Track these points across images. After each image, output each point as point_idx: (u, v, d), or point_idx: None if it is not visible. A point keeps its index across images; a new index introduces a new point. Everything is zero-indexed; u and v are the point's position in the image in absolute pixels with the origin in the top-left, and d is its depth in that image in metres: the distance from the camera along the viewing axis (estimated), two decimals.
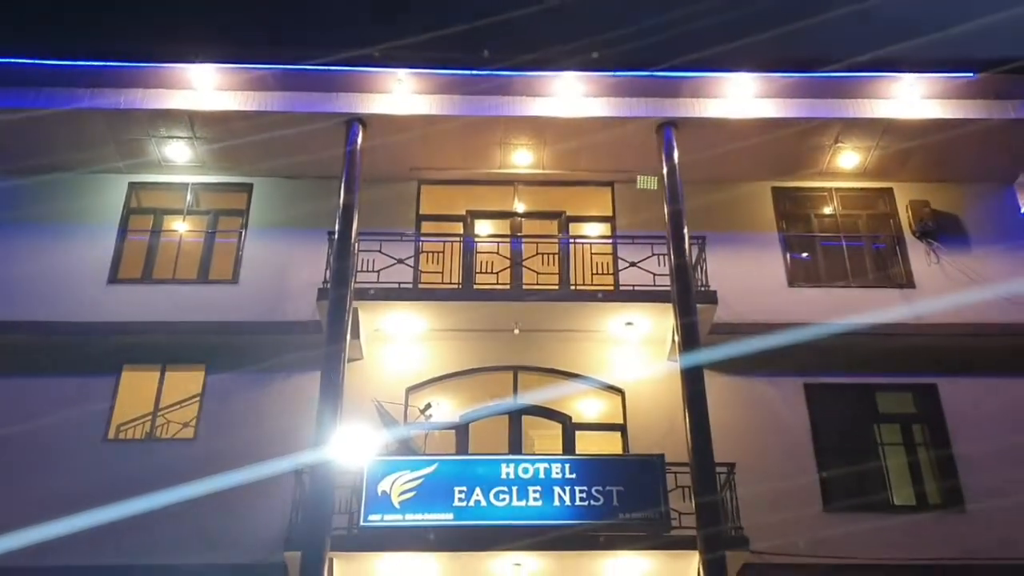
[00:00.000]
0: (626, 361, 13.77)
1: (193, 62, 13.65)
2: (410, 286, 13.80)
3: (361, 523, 11.68)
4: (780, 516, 11.93)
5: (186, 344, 13.42)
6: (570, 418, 13.77)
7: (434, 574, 12.27)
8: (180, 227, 14.91)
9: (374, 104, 14.04)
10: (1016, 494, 12.38)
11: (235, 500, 12.04)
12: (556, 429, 13.76)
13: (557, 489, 11.91)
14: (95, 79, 13.82)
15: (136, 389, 13.33)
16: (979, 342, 13.56)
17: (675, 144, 13.92)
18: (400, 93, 14.07)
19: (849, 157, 14.83)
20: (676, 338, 12.66)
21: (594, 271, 14.28)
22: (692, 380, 12.08)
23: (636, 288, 13.68)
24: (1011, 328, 13.62)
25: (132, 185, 14.98)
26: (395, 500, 11.78)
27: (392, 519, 11.69)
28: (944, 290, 14.00)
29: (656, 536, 11.66)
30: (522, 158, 14.80)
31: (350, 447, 11.65)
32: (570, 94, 14.08)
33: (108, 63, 13.73)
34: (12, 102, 13.81)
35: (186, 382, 13.38)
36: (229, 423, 12.90)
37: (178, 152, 14.63)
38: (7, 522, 11.45)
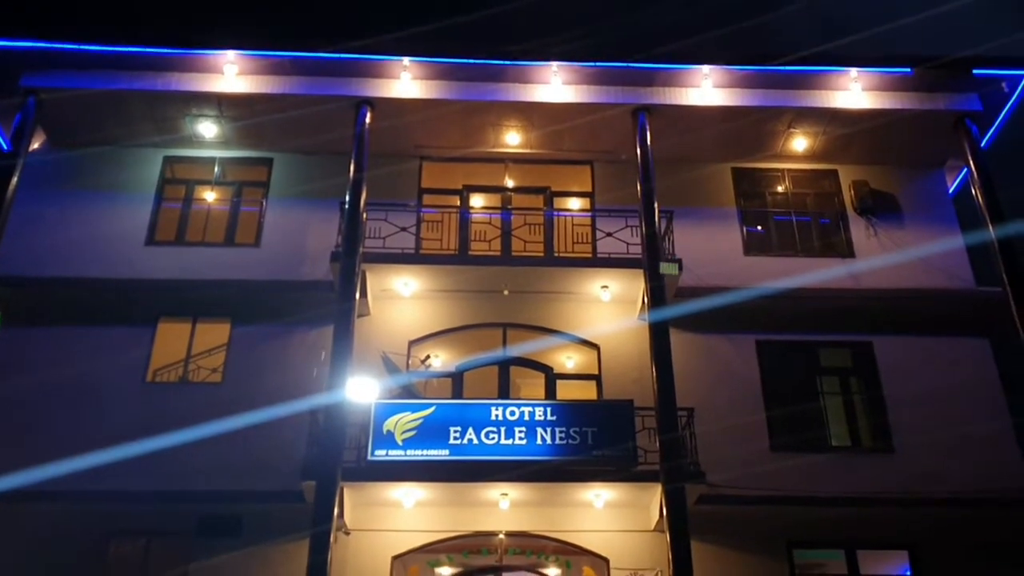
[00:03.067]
0: (601, 319, 13.85)
1: (222, 49, 13.55)
2: (412, 251, 13.81)
3: (368, 457, 11.81)
4: (732, 454, 12.13)
5: (214, 300, 13.42)
6: (552, 369, 13.89)
7: (432, 502, 12.48)
8: (209, 196, 14.84)
9: (381, 88, 13.95)
10: (938, 439, 12.59)
11: (258, 436, 12.13)
12: (540, 378, 13.89)
13: (540, 429, 12.04)
14: (136, 64, 13.69)
15: (171, 339, 13.35)
16: (910, 305, 13.72)
17: (648, 128, 13.93)
18: (405, 79, 14.01)
19: (800, 142, 14.86)
20: (645, 299, 12.78)
21: (575, 240, 14.34)
22: (658, 336, 12.21)
23: (611, 255, 13.72)
24: (938, 293, 13.78)
25: (167, 159, 14.88)
26: (398, 437, 11.91)
27: (395, 454, 11.83)
28: (880, 260, 14.11)
29: (625, 470, 11.83)
30: (513, 138, 14.77)
31: (359, 391, 11.75)
32: (555, 82, 14.04)
33: (148, 50, 13.58)
34: (64, 83, 13.68)
35: (214, 333, 13.38)
36: (252, 369, 12.96)
37: (207, 129, 14.53)
38: (61, 451, 11.50)
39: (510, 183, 15.22)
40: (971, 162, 13.79)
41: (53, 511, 11.85)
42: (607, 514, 12.51)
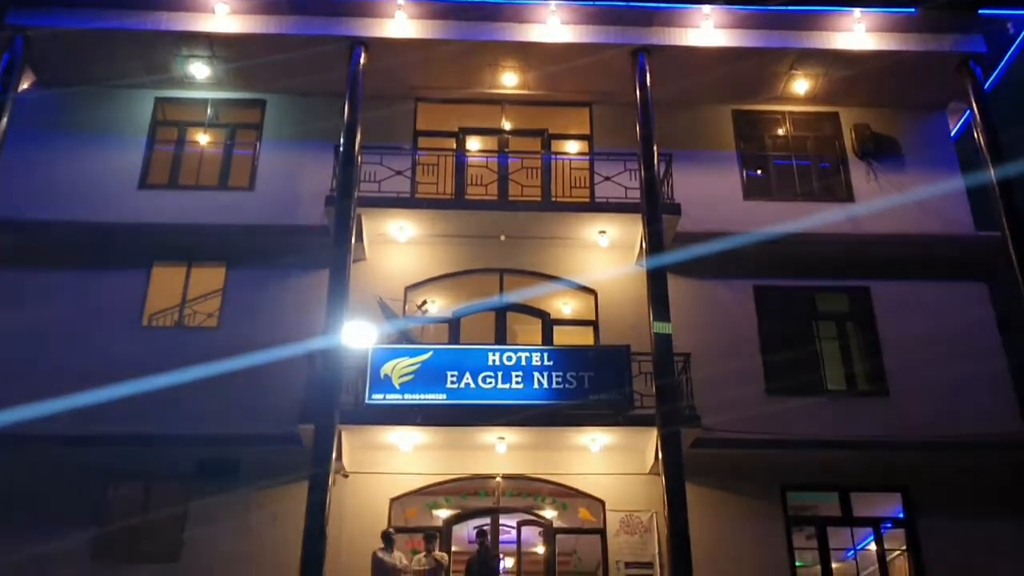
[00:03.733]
0: (599, 265, 13.74)
1: None
2: (408, 195, 13.63)
3: (366, 401, 11.82)
4: (728, 398, 12.10)
5: (209, 244, 13.30)
6: (549, 314, 13.83)
7: (430, 445, 12.53)
8: (202, 139, 14.63)
9: (376, 28, 13.62)
10: (933, 383, 12.62)
11: (255, 380, 12.11)
12: (536, 324, 13.84)
13: (536, 374, 12.04)
14: (125, 2, 13.35)
15: (166, 283, 13.25)
16: (908, 250, 13.63)
17: (647, 69, 13.65)
18: (400, 19, 13.66)
19: (801, 84, 14.58)
20: (643, 244, 12.66)
21: (572, 184, 14.15)
22: (656, 281, 12.14)
23: (610, 200, 13.56)
24: (937, 238, 13.69)
25: (158, 100, 14.59)
26: (395, 382, 11.91)
27: (393, 398, 11.84)
28: (880, 204, 13.98)
29: (621, 415, 11.87)
30: (509, 80, 14.46)
31: (356, 336, 11.70)
32: (553, 21, 13.70)
33: None
34: (51, 21, 13.33)
35: (209, 278, 13.28)
36: (248, 314, 12.89)
37: (199, 70, 14.21)
38: (57, 396, 11.45)
39: (507, 126, 14.96)
40: (974, 105, 13.58)
41: (52, 455, 11.87)
42: (603, 457, 12.58)
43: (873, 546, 12.48)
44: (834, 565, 12.39)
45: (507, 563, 13.91)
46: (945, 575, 11.62)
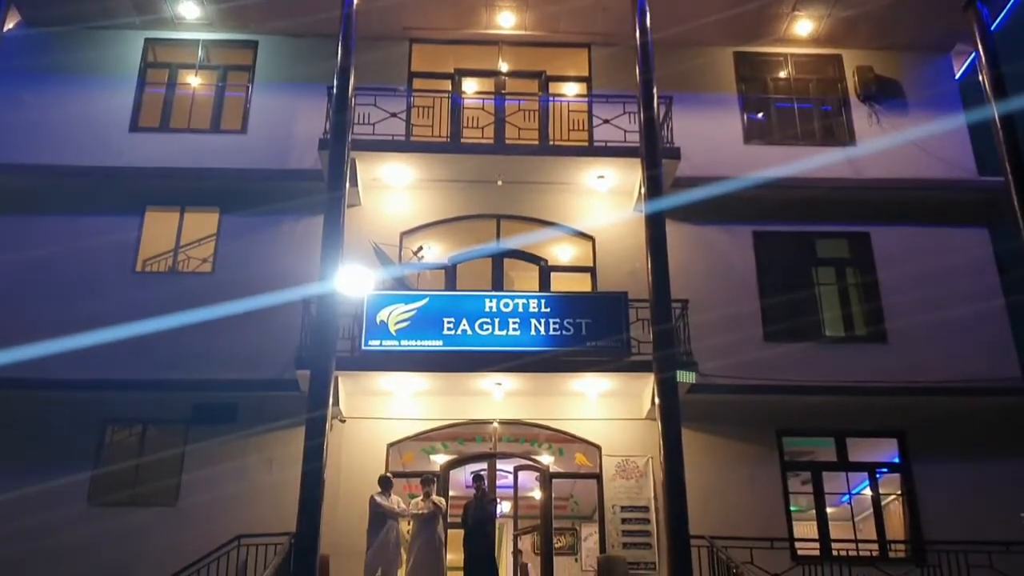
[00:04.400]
0: (597, 211, 13.58)
1: None
2: (403, 139, 13.39)
3: (362, 347, 11.76)
4: (726, 344, 12.07)
5: (202, 188, 13.10)
6: (546, 261, 13.71)
7: (426, 391, 12.52)
8: (193, 81, 14.31)
9: None
10: (932, 329, 12.54)
11: (250, 326, 12.07)
12: (534, 270, 13.72)
13: (533, 321, 11.95)
14: None
15: (159, 228, 13.09)
16: (909, 195, 13.47)
17: (647, 10, 13.25)
18: None
19: (804, 24, 14.25)
20: (642, 190, 12.45)
21: (571, 128, 13.86)
22: (654, 226, 11.90)
23: (608, 144, 13.33)
24: (939, 182, 13.52)
25: (148, 41, 14.27)
26: (392, 328, 11.83)
27: (389, 344, 11.77)
28: (882, 149, 13.76)
29: (618, 360, 11.82)
30: (506, 20, 14.12)
31: (351, 282, 11.58)
32: None
33: None
34: None
35: (203, 223, 13.12)
36: (242, 259, 12.76)
37: (189, 10, 13.89)
38: (52, 338, 11.41)
39: (504, 67, 14.66)
40: (979, 45, 13.21)
41: (50, 399, 11.87)
42: (599, 403, 12.59)
43: (868, 491, 12.55)
44: (829, 510, 12.43)
45: (504, 507, 14.05)
46: (940, 520, 11.65)
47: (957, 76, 14.93)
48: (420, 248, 13.35)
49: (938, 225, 13.45)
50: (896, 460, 12.46)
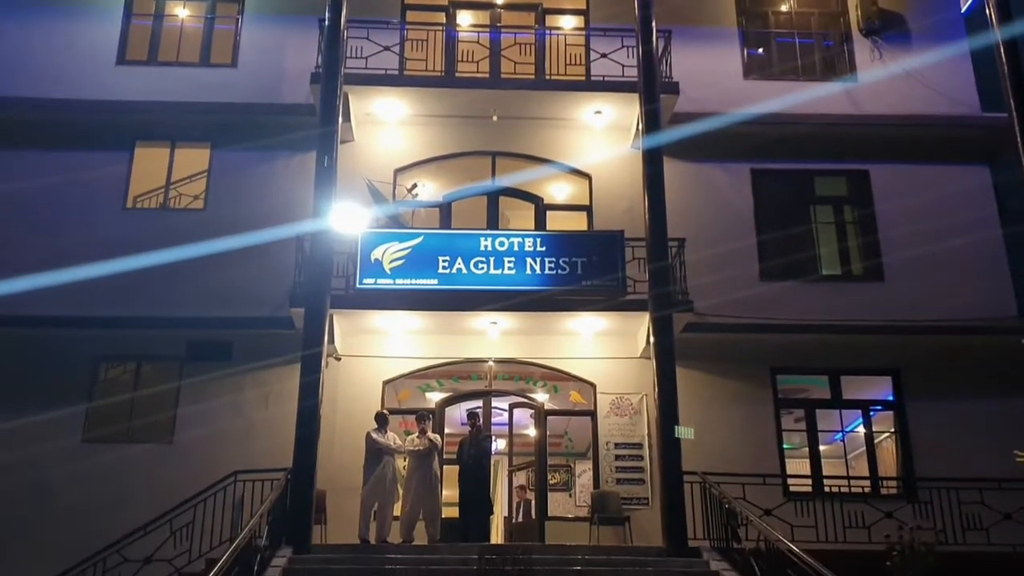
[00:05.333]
0: (593, 148, 13.38)
1: None
2: (396, 73, 13.11)
3: (357, 286, 11.70)
4: (722, 283, 11.98)
5: (192, 123, 12.85)
6: (542, 199, 13.57)
7: (422, 330, 12.50)
8: (181, 12, 13.92)
9: None
10: (929, 268, 12.48)
11: (244, 263, 11.97)
12: (529, 209, 13.60)
13: (529, 260, 11.88)
14: None
15: (149, 164, 12.88)
16: (910, 132, 13.24)
17: None
18: None
19: None
20: (640, 126, 12.25)
21: (567, 62, 13.56)
22: (652, 163, 11.76)
23: (606, 78, 13.05)
24: (941, 119, 13.28)
25: None
26: (386, 267, 11.75)
27: (384, 283, 11.70)
28: (884, 84, 13.52)
29: (613, 299, 11.77)
30: None
31: (345, 220, 11.46)
32: None
33: None
34: None
35: (194, 159, 12.91)
36: (234, 196, 12.58)
37: None
38: (42, 278, 11.34)
39: None
40: None
41: (42, 336, 11.84)
42: (595, 342, 12.59)
43: (862, 429, 12.63)
44: (822, 447, 12.56)
45: (499, 444, 14.17)
46: (933, 457, 11.71)
47: (963, 9, 14.57)
48: (414, 185, 13.19)
49: (939, 163, 13.26)
50: (890, 398, 12.51)
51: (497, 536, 13.60)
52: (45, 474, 10.99)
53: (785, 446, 12.28)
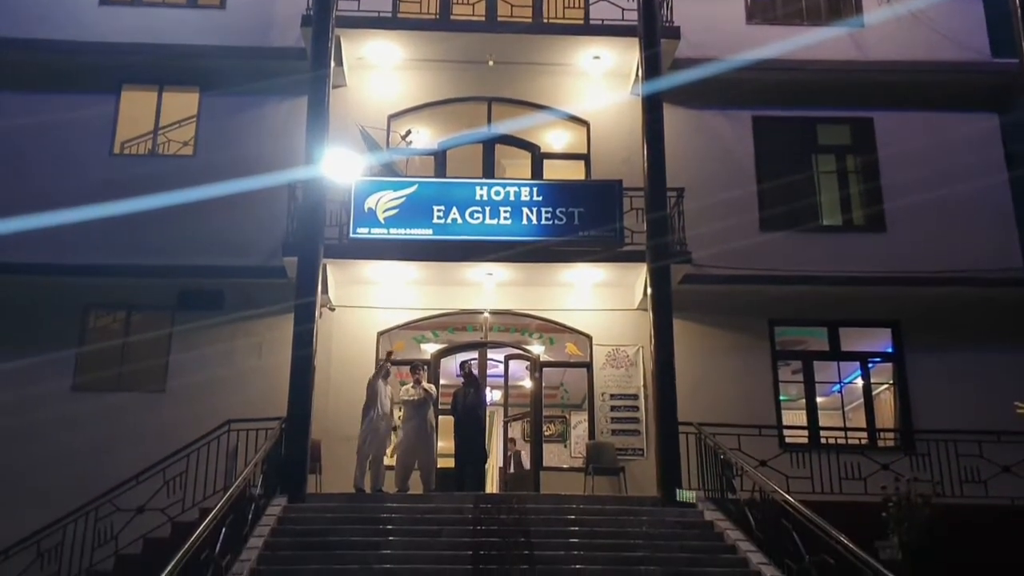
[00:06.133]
0: (592, 94, 13.16)
1: None
2: (389, 15, 12.82)
3: (350, 235, 11.59)
4: (721, 233, 11.86)
5: (180, 67, 12.59)
6: (539, 148, 13.40)
7: (417, 280, 12.45)
8: None
9: None
10: (932, 219, 12.37)
11: (235, 211, 11.84)
12: (526, 158, 13.43)
13: (525, 210, 11.76)
14: None
15: (136, 109, 12.64)
16: (917, 78, 12.99)
17: None
18: None
19: None
20: (639, 72, 12.04)
21: (566, 5, 13.24)
22: (651, 110, 11.62)
23: (605, 22, 12.77)
24: (949, 65, 13.03)
25: None
26: (380, 216, 11.64)
27: (378, 232, 11.60)
28: (891, 28, 13.20)
29: (610, 250, 11.69)
30: None
31: (338, 167, 11.31)
32: None
33: None
34: None
35: (182, 103, 12.68)
36: (225, 142, 12.36)
37: None
38: (30, 222, 11.21)
39: None
40: None
41: (30, 284, 11.74)
42: (591, 294, 12.54)
43: (860, 381, 12.63)
44: (819, 399, 12.57)
45: (495, 396, 14.23)
46: (931, 410, 11.69)
47: None
48: (408, 132, 13.00)
49: (946, 110, 13.01)
50: (889, 350, 12.47)
51: (492, 486, 13.73)
52: (34, 422, 10.96)
53: (782, 398, 12.29)
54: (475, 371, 11.83)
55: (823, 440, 11.87)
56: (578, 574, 7.83)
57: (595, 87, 13.23)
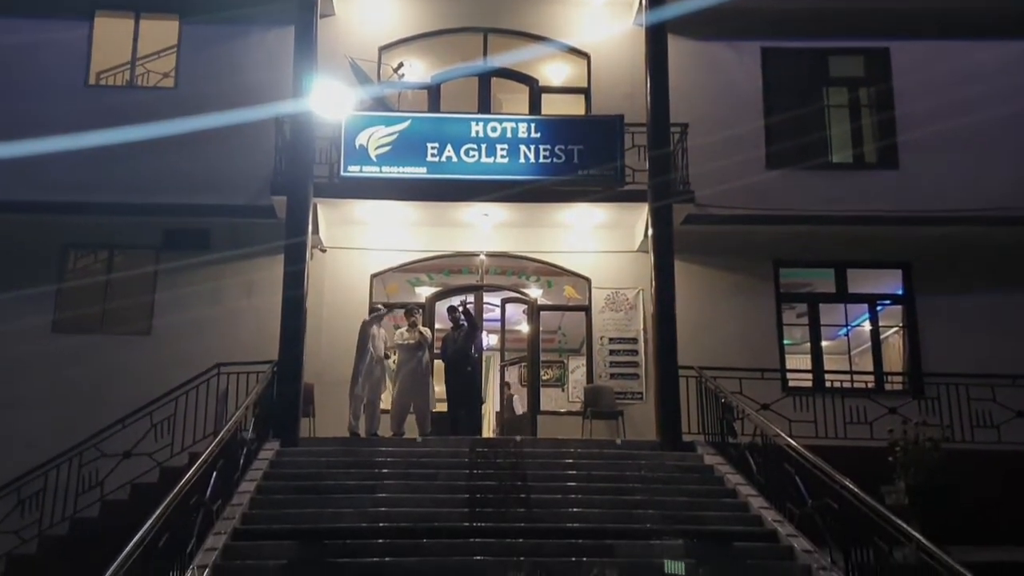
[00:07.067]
0: (593, 24, 12.91)
1: None
2: None
3: (341, 173, 11.41)
4: (725, 171, 11.66)
5: None
6: (537, 81, 13.17)
7: (410, 221, 12.34)
8: None
9: None
10: (948, 154, 12.07)
11: (221, 147, 11.64)
12: (523, 92, 13.21)
13: (523, 147, 11.59)
14: None
15: (112, 37, 12.34)
16: (936, 4, 12.56)
17: None
18: None
19: None
20: None
21: None
22: (655, 41, 11.41)
23: None
24: None
25: None
26: (372, 153, 11.46)
27: (370, 171, 11.43)
28: None
29: (611, 189, 11.53)
30: None
31: (327, 102, 11.10)
32: None
33: None
34: None
35: (162, 32, 12.39)
36: (207, 74, 12.10)
37: None
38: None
39: None
40: None
41: (5, 222, 11.59)
42: (590, 235, 12.48)
43: (867, 324, 12.56)
44: (824, 343, 12.52)
45: (491, 340, 14.25)
46: (943, 353, 11.59)
47: None
48: (400, 65, 12.74)
49: (969, 38, 12.62)
50: (899, 292, 12.36)
51: (489, 431, 13.82)
52: (13, 364, 10.92)
53: (785, 342, 12.28)
54: (465, 315, 11.71)
55: (828, 384, 11.87)
56: (575, 518, 7.89)
57: (596, 17, 12.96)
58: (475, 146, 11.58)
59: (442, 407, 11.82)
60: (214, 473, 7.37)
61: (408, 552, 7.08)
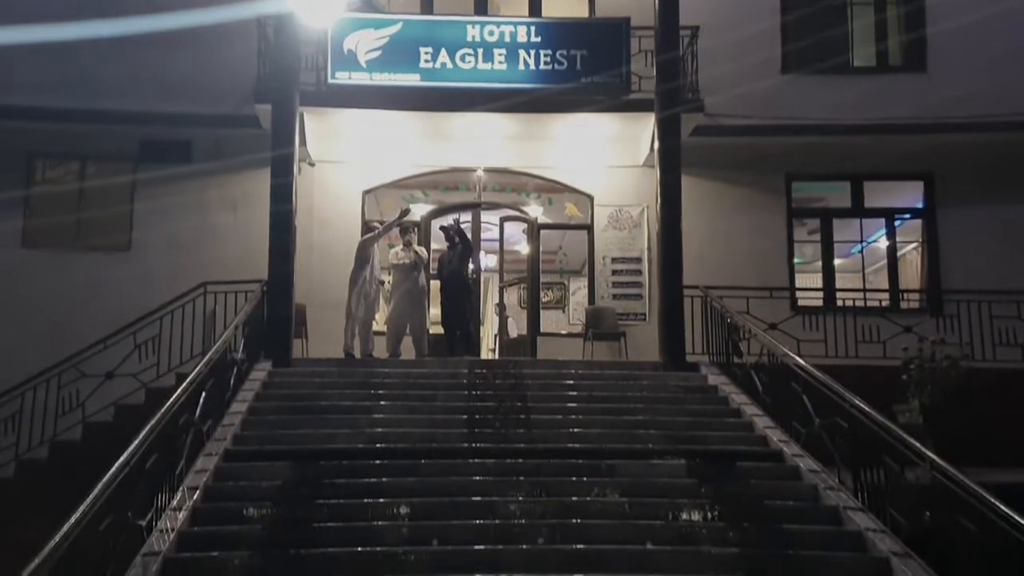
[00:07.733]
0: None
1: None
2: None
3: (329, 80, 11.14)
4: (738, 78, 11.26)
5: None
6: None
7: (404, 134, 12.10)
8: None
9: None
10: (981, 56, 11.47)
11: (200, 49, 11.20)
12: None
13: (522, 52, 11.29)
14: None
15: None
16: None
17: None
18: None
19: None
20: None
21: None
22: None
23: None
24: None
25: None
26: (361, 59, 11.18)
27: (359, 77, 11.17)
28: None
29: (616, 98, 11.29)
30: None
31: (313, 1, 10.72)
32: None
33: None
34: None
35: None
36: None
37: None
38: None
39: None
40: None
41: None
42: (594, 149, 12.27)
43: (884, 240, 12.42)
44: (837, 261, 12.42)
45: (488, 261, 14.14)
46: (964, 270, 11.42)
47: None
48: None
49: None
50: (920, 205, 12.14)
51: (488, 353, 13.84)
52: None
53: (796, 260, 12.17)
54: (458, 234, 11.58)
55: (840, 302, 11.76)
56: (576, 438, 7.90)
57: None
58: (471, 51, 11.30)
59: (437, 329, 11.80)
60: (203, 393, 7.30)
61: (407, 472, 7.08)
